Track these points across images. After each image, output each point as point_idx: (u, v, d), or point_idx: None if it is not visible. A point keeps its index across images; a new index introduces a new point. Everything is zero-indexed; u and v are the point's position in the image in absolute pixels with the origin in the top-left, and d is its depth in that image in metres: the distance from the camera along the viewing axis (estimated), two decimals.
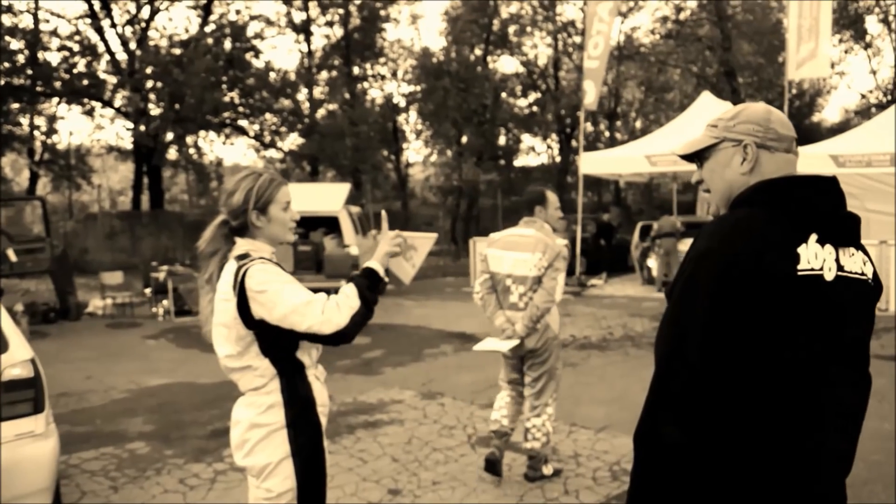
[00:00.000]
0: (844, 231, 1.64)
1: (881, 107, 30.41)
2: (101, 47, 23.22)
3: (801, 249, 1.56)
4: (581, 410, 6.31)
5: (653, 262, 15.61)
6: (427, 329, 10.98)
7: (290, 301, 2.35)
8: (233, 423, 2.57)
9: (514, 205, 31.06)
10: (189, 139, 24.80)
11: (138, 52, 23.00)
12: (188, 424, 6.26)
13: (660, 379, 1.60)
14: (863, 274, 1.66)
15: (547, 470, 4.79)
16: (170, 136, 23.54)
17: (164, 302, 12.70)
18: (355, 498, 4.54)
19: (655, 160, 14.93)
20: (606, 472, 4.90)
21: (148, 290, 13.20)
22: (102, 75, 23.34)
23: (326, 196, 13.70)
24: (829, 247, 1.60)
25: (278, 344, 2.45)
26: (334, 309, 2.38)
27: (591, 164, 16.80)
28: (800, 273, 1.54)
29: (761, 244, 1.54)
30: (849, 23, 30.29)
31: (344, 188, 14.63)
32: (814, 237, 1.58)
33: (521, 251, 4.61)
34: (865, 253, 1.71)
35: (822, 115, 38.68)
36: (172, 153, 25.06)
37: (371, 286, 2.49)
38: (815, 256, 1.57)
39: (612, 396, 6.76)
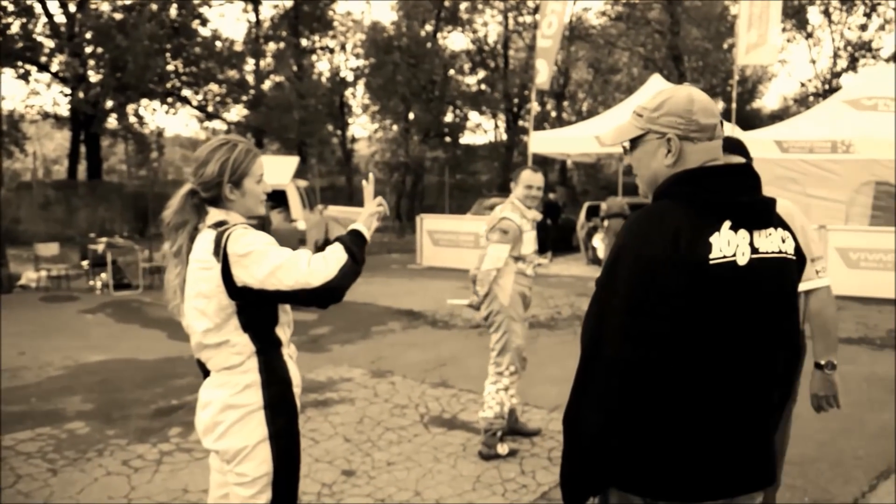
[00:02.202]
0: (756, 215, 1.69)
1: (819, 95, 31.25)
2: (37, 8, 22.28)
3: (714, 238, 1.61)
4: (534, 390, 6.28)
5: (598, 242, 15.74)
6: (374, 306, 10.84)
7: (275, 258, 2.24)
8: (201, 404, 2.42)
9: (458, 182, 31.09)
10: (130, 107, 24.06)
11: (78, 15, 22.13)
12: (130, 403, 6.05)
13: (584, 365, 1.66)
14: (780, 251, 1.71)
15: (502, 449, 4.76)
16: (110, 103, 22.77)
17: (103, 275, 12.30)
18: (308, 479, 4.42)
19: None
20: (561, 451, 4.88)
21: (85, 263, 12.76)
22: (39, 38, 22.40)
23: (274, 169, 13.38)
24: (742, 231, 1.65)
25: (259, 317, 2.34)
26: (321, 261, 2.28)
27: (541, 143, 16.82)
28: (711, 262, 1.59)
29: (673, 236, 1.60)
30: (792, 13, 30.97)
31: (292, 161, 14.36)
32: (727, 224, 1.64)
33: (486, 224, 4.92)
34: (787, 229, 1.77)
35: (762, 101, 39.65)
36: (112, 121, 24.27)
37: (357, 242, 2.39)
38: (727, 244, 1.62)
39: (564, 376, 6.70)
